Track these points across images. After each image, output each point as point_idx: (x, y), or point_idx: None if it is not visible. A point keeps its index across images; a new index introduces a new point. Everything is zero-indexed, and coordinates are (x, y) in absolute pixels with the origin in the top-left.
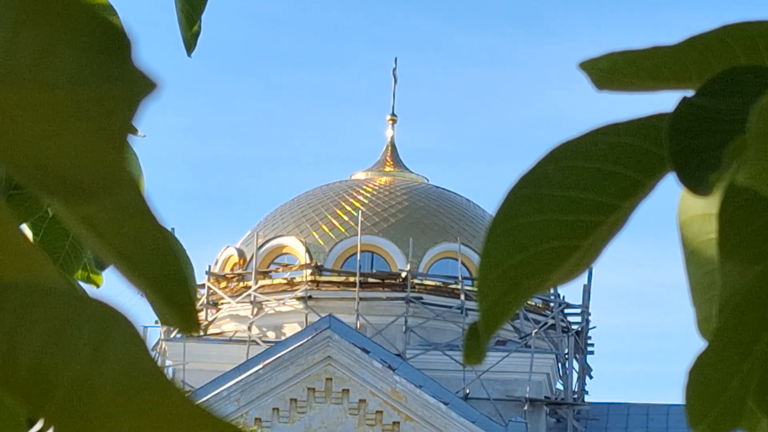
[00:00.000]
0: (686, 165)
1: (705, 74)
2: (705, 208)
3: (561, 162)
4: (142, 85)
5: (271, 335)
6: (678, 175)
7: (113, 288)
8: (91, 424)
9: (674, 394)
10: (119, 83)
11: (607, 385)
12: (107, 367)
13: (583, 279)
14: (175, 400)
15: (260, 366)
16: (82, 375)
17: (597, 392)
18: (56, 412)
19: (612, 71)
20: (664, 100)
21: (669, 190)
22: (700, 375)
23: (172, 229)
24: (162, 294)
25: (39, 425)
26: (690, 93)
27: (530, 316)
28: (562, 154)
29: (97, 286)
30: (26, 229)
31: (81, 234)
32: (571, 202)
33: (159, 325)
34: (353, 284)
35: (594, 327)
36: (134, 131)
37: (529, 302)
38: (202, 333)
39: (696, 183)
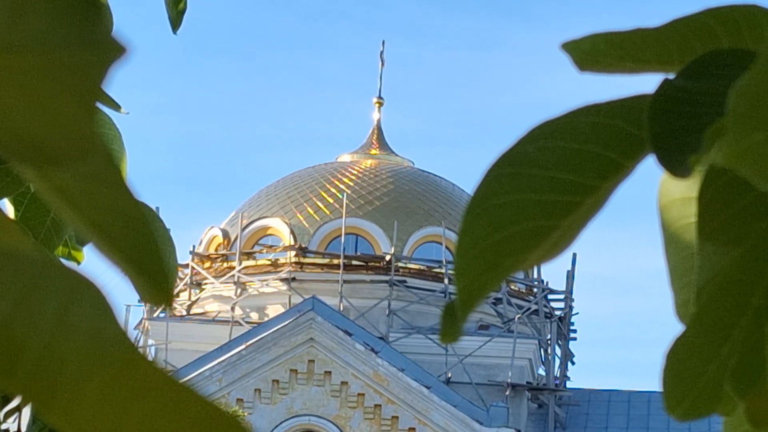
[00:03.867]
0: (666, 147)
1: (687, 57)
2: (685, 192)
3: (541, 141)
4: (112, 50)
5: (255, 316)
6: (657, 156)
7: (95, 265)
8: (57, 391)
9: (656, 382)
10: (89, 48)
11: (589, 371)
12: (74, 333)
13: (566, 265)
14: (142, 368)
15: (243, 347)
16: (48, 342)
17: (579, 378)
18: (23, 380)
19: (594, 52)
20: (647, 82)
21: (653, 176)
22: (678, 359)
23: (157, 208)
24: (135, 265)
25: (14, 403)
26: (672, 75)
27: (513, 301)
28: (542, 133)
29: (78, 262)
30: (8, 205)
31: (55, 204)
32: (550, 181)
33: (142, 304)
34: (337, 266)
35: (577, 313)
36: (106, 98)
37: (512, 287)
38: (182, 310)
39: (675, 165)
